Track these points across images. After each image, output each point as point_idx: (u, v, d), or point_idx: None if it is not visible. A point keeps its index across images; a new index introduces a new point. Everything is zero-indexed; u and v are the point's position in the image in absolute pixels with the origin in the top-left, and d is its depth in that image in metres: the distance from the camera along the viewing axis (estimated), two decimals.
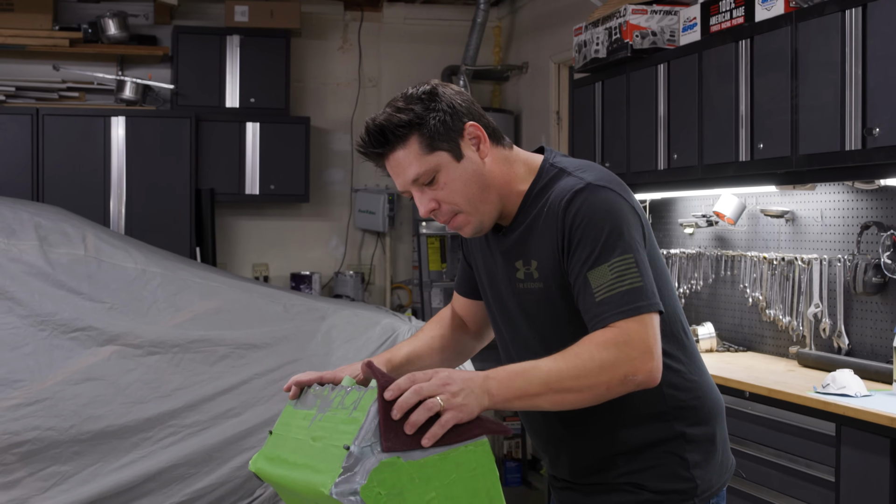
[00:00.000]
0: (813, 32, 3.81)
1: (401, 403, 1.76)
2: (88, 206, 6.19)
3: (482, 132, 2.09)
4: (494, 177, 2.11)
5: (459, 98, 2.10)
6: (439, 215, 2.12)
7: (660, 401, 2.11)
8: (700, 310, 5.18)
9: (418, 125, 2.04)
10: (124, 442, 4.01)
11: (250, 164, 6.84)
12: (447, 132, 2.05)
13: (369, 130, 2.07)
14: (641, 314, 1.94)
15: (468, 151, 2.08)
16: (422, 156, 2.05)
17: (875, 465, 3.27)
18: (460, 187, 2.08)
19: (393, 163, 2.09)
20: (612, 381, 1.91)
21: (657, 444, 2.12)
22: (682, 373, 2.14)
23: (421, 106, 2.05)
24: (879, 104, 3.51)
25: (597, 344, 1.93)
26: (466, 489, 1.81)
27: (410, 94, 2.08)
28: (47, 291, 4.23)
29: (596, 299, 1.96)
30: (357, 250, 7.51)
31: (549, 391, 1.89)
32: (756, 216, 4.78)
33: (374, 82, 7.49)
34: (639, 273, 1.97)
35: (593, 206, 2.01)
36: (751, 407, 3.87)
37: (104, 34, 6.63)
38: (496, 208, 2.13)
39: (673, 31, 4.83)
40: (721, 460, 2.21)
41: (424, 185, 2.08)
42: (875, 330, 4.07)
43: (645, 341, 1.93)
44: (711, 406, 2.19)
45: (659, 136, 4.78)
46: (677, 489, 2.12)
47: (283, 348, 4.35)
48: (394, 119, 2.04)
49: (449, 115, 2.06)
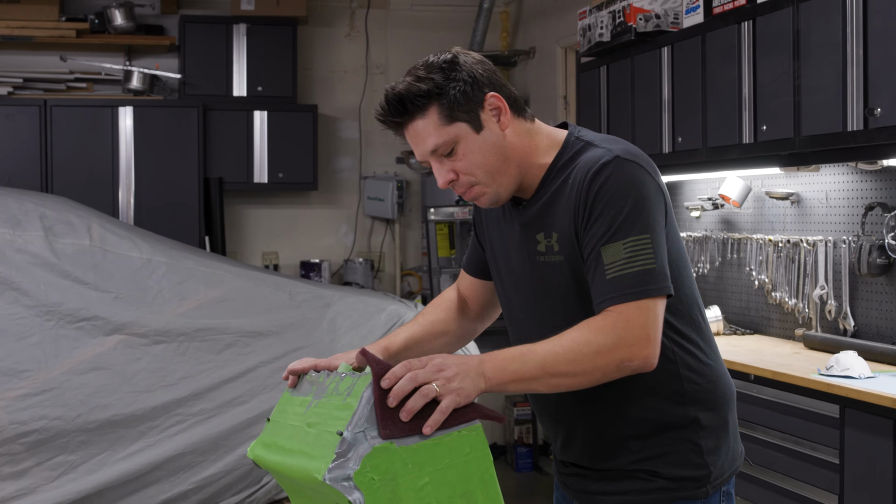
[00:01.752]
0: (815, 13, 3.79)
1: (396, 391, 1.76)
2: (97, 196, 6.21)
3: (503, 103, 2.06)
4: (514, 149, 2.08)
5: (481, 67, 2.06)
6: (457, 186, 2.10)
7: (676, 382, 2.10)
8: (707, 293, 5.17)
9: (438, 95, 2.01)
10: (131, 431, 4.04)
11: (258, 153, 6.84)
12: (467, 103, 2.02)
13: (388, 99, 2.04)
14: (648, 298, 1.93)
15: (488, 122, 2.05)
16: (441, 126, 2.02)
17: (879, 446, 3.26)
18: (479, 159, 2.05)
19: (412, 132, 2.06)
20: (608, 367, 1.91)
21: (671, 428, 2.10)
22: (698, 356, 2.13)
23: (441, 75, 2.01)
24: (881, 84, 3.50)
25: (594, 329, 1.92)
26: (460, 474, 1.81)
27: (431, 62, 2.04)
28: (53, 281, 4.25)
29: (606, 277, 1.95)
30: (366, 237, 7.51)
31: (544, 374, 1.88)
32: (761, 198, 4.76)
33: (381, 69, 7.48)
34: (653, 254, 1.95)
35: (619, 179, 1.98)
36: (756, 390, 3.86)
37: (111, 24, 6.64)
38: (514, 180, 2.10)
39: (676, 14, 4.80)
40: (732, 447, 2.18)
41: (443, 156, 2.06)
42: (880, 311, 4.06)
43: (644, 327, 1.92)
44: (724, 391, 2.18)
45: (663, 119, 4.77)
46: (691, 476, 2.10)
47: (288, 336, 4.37)
48: (413, 89, 2.01)
49: (469, 86, 2.02)
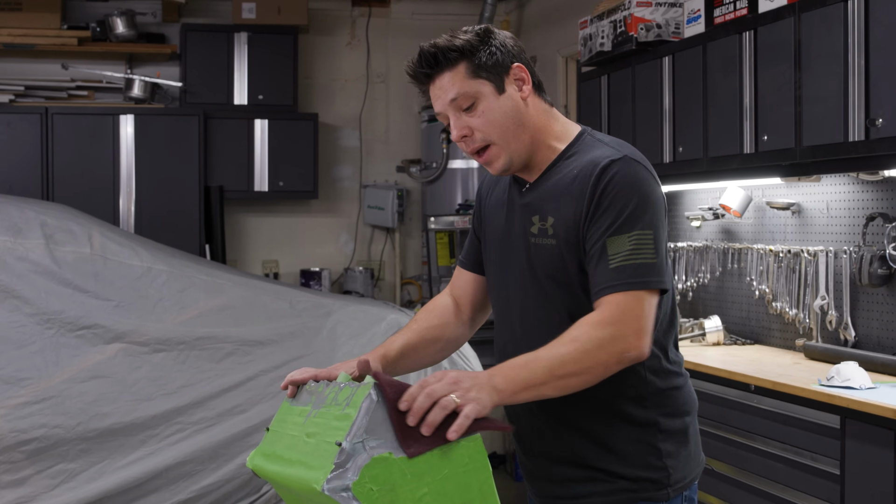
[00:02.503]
0: (816, 23, 3.79)
1: (416, 409, 1.78)
2: (98, 204, 6.22)
3: (527, 75, 2.17)
4: (531, 119, 2.18)
5: (512, 41, 2.18)
6: (469, 143, 2.18)
7: (642, 385, 2.16)
8: (707, 303, 5.17)
9: (469, 53, 2.12)
10: (131, 439, 4.02)
11: (259, 161, 6.85)
12: (494, 66, 2.13)
13: (423, 52, 2.15)
14: (646, 290, 2.01)
15: (511, 89, 2.16)
16: (465, 79, 2.13)
17: (880, 457, 3.26)
18: (497, 118, 2.14)
19: (437, 85, 2.16)
20: (609, 359, 1.98)
21: (631, 429, 2.16)
22: (665, 363, 2.20)
23: (476, 38, 2.14)
24: (883, 95, 3.50)
25: (592, 324, 1.99)
26: (459, 485, 1.81)
27: (467, 28, 2.18)
28: (53, 289, 4.24)
29: (610, 266, 2.02)
30: (366, 246, 7.52)
31: (552, 378, 1.94)
32: (762, 208, 4.76)
33: (382, 78, 7.50)
34: (654, 250, 2.04)
35: (627, 177, 2.08)
36: (756, 400, 3.85)
37: (112, 33, 6.65)
38: (527, 149, 2.19)
39: (677, 24, 4.81)
40: (693, 452, 2.24)
41: (462, 109, 2.15)
42: (881, 322, 4.05)
43: (638, 319, 2.00)
44: (686, 399, 2.24)
45: (664, 128, 4.77)
46: (650, 478, 2.16)
47: (288, 345, 4.36)
48: (443, 44, 2.13)
49: (500, 52, 2.14)
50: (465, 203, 6.79)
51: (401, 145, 7.55)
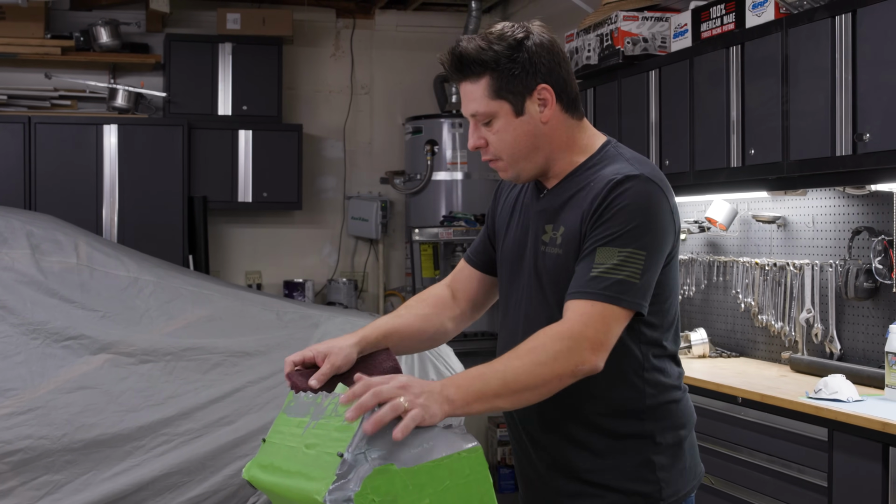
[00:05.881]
0: (803, 38, 3.82)
1: (360, 405, 1.76)
2: (81, 214, 6.18)
3: (552, 96, 2.15)
4: (548, 140, 2.18)
5: (547, 56, 2.14)
6: (483, 153, 2.21)
7: (639, 398, 2.15)
8: (692, 315, 5.19)
9: (494, 69, 2.11)
10: (117, 450, 4.01)
11: (243, 172, 6.83)
12: (517, 85, 2.12)
13: (451, 54, 2.15)
14: (617, 307, 2.00)
15: (531, 109, 2.14)
16: (486, 97, 2.13)
17: (867, 469, 3.27)
18: (510, 140, 2.16)
19: (463, 89, 2.17)
20: (564, 372, 1.95)
21: (626, 441, 2.15)
22: (666, 378, 2.19)
23: (506, 50, 2.11)
24: (869, 110, 3.52)
25: (550, 336, 1.98)
26: (460, 496, 1.81)
27: (504, 33, 2.14)
28: (39, 300, 4.23)
29: (591, 273, 2.02)
30: (350, 257, 7.50)
31: (507, 391, 1.91)
32: (748, 222, 4.79)
33: (366, 89, 7.49)
34: (641, 271, 2.02)
35: (637, 195, 2.06)
36: (743, 412, 3.87)
37: (96, 42, 6.62)
38: (538, 168, 2.20)
39: (664, 38, 4.84)
40: (689, 466, 2.23)
41: (481, 123, 2.17)
42: (867, 335, 4.08)
43: (598, 332, 1.98)
44: (683, 412, 2.23)
45: (651, 142, 4.79)
46: (641, 491, 2.15)
47: (276, 356, 4.35)
48: (474, 54, 2.11)
49: (525, 71, 2.12)
50: (450, 215, 6.80)
51: (385, 157, 7.55)
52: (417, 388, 1.82)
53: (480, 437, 6.81)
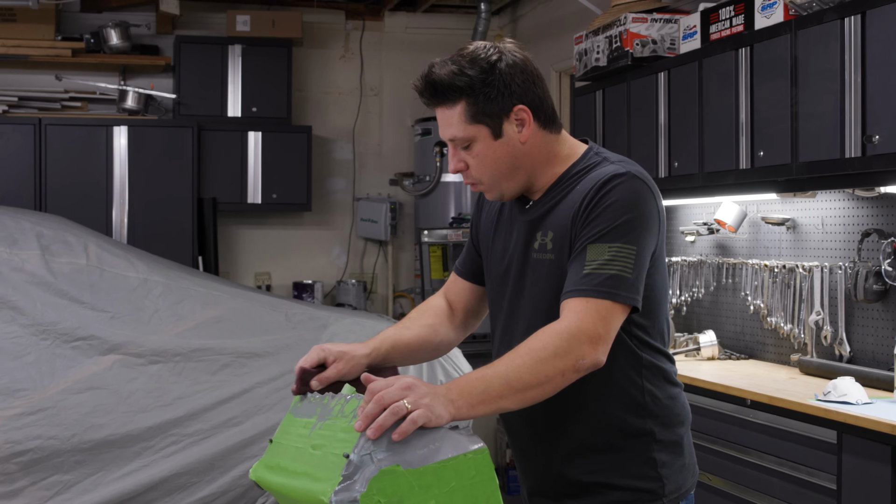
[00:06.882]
0: (812, 40, 3.81)
1: (367, 414, 1.77)
2: (91, 215, 6.20)
3: (529, 117, 2.13)
4: (529, 159, 2.17)
5: (521, 76, 2.12)
6: (465, 176, 2.21)
7: (639, 395, 2.17)
8: (702, 318, 5.18)
9: (469, 94, 2.09)
10: (126, 451, 4.01)
11: (252, 174, 6.85)
12: (494, 108, 2.10)
13: (426, 80, 2.13)
14: (613, 302, 2.00)
15: (509, 131, 2.13)
16: (463, 122, 2.12)
17: (876, 472, 3.27)
18: (490, 163, 2.15)
19: (439, 114, 2.17)
20: (566, 368, 1.95)
21: (627, 439, 2.17)
22: (663, 375, 2.21)
23: (479, 75, 2.08)
24: (879, 112, 3.52)
25: (549, 334, 1.97)
26: (466, 497, 1.81)
27: (477, 55, 2.11)
28: (49, 301, 4.23)
29: (584, 270, 2.02)
30: (359, 259, 7.52)
31: (511, 390, 1.91)
32: (757, 224, 4.78)
33: (375, 91, 7.51)
34: (632, 265, 2.03)
35: (625, 192, 2.07)
36: (752, 415, 3.86)
37: (106, 44, 6.65)
38: (520, 186, 2.20)
39: (673, 40, 4.83)
40: (688, 463, 2.25)
41: (460, 147, 2.16)
42: (876, 337, 4.07)
43: (596, 328, 1.98)
44: (681, 411, 2.25)
45: (660, 144, 4.78)
46: (645, 488, 2.17)
47: (284, 357, 4.35)
48: (447, 80, 2.09)
49: (501, 94, 2.10)
50: (459, 216, 6.80)
51: (394, 158, 7.56)
52: (422, 389, 1.82)
53: (488, 438, 6.81)
